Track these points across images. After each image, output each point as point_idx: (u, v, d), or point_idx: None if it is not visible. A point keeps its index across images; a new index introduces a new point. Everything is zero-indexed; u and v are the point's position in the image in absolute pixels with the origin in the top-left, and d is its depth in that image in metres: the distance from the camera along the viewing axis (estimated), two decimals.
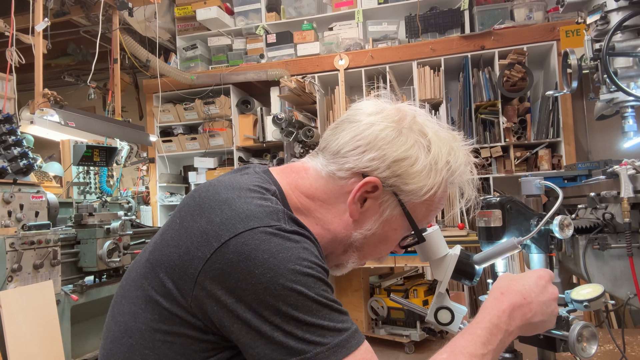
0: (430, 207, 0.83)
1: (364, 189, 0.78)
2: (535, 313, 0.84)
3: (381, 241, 0.84)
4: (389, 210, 0.80)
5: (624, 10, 1.54)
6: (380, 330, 3.11)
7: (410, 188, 0.78)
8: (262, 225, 0.68)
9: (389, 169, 0.77)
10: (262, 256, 0.65)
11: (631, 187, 1.26)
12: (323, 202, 0.82)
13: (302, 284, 0.65)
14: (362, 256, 0.85)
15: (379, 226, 0.81)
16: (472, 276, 1.22)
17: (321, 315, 0.66)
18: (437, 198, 0.82)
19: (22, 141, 2.48)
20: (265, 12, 4.36)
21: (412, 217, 0.81)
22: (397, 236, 0.84)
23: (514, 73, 3.56)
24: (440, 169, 0.80)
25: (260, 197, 0.74)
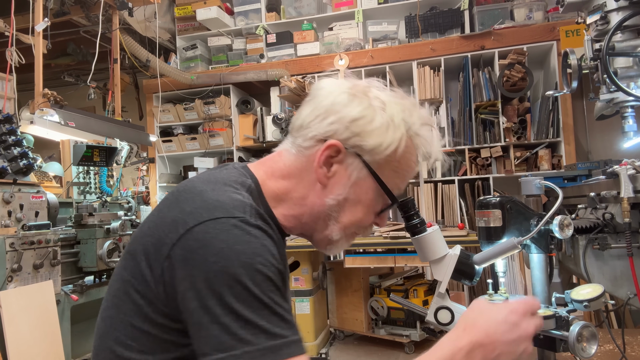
0: (397, 168, 0.84)
1: (327, 152, 0.81)
2: (499, 353, 0.79)
3: (355, 206, 0.84)
4: (355, 173, 0.82)
5: (624, 10, 1.54)
6: (380, 330, 3.11)
7: (370, 145, 0.80)
8: (227, 216, 0.71)
9: (347, 130, 0.80)
10: (218, 245, 0.68)
11: (631, 187, 1.26)
12: (297, 177, 0.85)
13: (250, 279, 0.67)
14: (343, 226, 0.85)
15: (350, 190, 0.83)
16: (472, 276, 1.22)
17: (260, 315, 0.66)
18: (400, 157, 0.83)
19: (22, 141, 2.48)
20: (265, 12, 4.36)
21: (380, 177, 0.83)
22: (370, 199, 0.84)
23: (514, 73, 3.56)
24: (397, 125, 0.82)
25: (233, 190, 0.77)
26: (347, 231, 0.86)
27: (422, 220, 1.23)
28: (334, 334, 3.36)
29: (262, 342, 0.65)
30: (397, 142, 0.81)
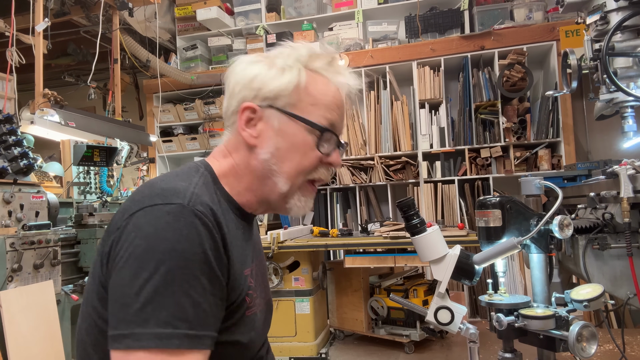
0: (314, 101, 0.87)
1: (244, 116, 0.87)
2: None
3: (290, 151, 0.86)
4: (276, 121, 0.86)
5: (624, 10, 1.54)
6: (380, 330, 3.11)
7: (274, 91, 0.85)
8: (163, 203, 0.73)
9: (252, 90, 0.86)
10: (147, 230, 0.71)
11: (631, 187, 1.26)
12: (234, 151, 0.90)
13: (166, 266, 0.68)
14: (287, 175, 0.86)
15: (279, 139, 0.86)
16: (472, 276, 1.22)
17: (164, 303, 0.68)
18: (310, 90, 0.87)
19: (23, 141, 2.48)
20: (265, 12, 4.36)
21: (297, 115, 0.85)
22: (301, 139, 0.86)
23: (514, 73, 3.56)
24: (291, 65, 0.87)
25: (181, 179, 0.81)
26: (296, 180, 0.87)
27: (422, 220, 1.23)
28: (334, 334, 3.36)
29: (154, 328, 0.66)
30: (296, 78, 0.86)
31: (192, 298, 0.69)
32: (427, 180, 3.82)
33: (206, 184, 0.84)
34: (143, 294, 0.67)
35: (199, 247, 0.72)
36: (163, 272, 0.68)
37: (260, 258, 1.01)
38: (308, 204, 0.90)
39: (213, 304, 0.73)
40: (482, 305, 1.27)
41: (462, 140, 3.77)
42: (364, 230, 3.28)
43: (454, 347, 3.03)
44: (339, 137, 0.90)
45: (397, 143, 3.91)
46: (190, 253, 0.70)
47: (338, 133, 0.90)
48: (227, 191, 0.89)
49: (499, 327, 1.19)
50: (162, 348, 0.66)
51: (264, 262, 1.05)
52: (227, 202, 0.87)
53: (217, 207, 0.80)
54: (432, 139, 3.83)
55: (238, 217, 0.89)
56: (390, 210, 3.93)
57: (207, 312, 0.71)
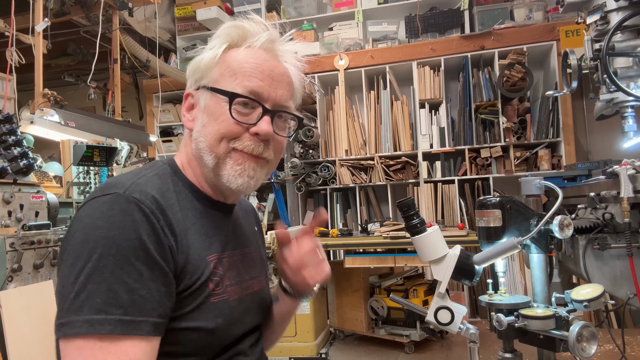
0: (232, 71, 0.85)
1: (186, 103, 0.90)
2: None
3: (210, 122, 0.85)
4: (203, 100, 0.87)
5: (624, 10, 1.54)
6: (380, 330, 3.11)
7: (201, 71, 0.87)
8: (102, 194, 0.75)
9: (191, 77, 0.90)
10: (85, 220, 0.73)
11: (631, 187, 1.26)
12: (189, 139, 0.91)
13: (98, 253, 0.70)
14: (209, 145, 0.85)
15: (204, 116, 0.86)
16: (472, 276, 1.22)
17: (97, 290, 0.69)
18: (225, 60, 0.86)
19: (22, 141, 2.48)
20: (265, 12, 4.36)
21: (215, 87, 0.85)
22: (218, 109, 0.84)
23: (514, 73, 3.56)
24: (214, 45, 0.88)
25: (131, 174, 0.82)
26: (217, 149, 0.84)
27: (422, 220, 1.23)
28: (334, 334, 3.36)
29: (87, 315, 0.67)
30: (215, 53, 0.86)
31: (126, 284, 0.70)
32: (427, 180, 3.82)
33: (160, 175, 0.85)
34: (77, 283, 0.69)
35: (133, 233, 0.72)
36: (95, 260, 0.69)
37: (248, 250, 1.00)
38: (247, 172, 0.85)
39: (154, 289, 0.72)
40: (482, 306, 1.27)
41: (462, 140, 3.77)
42: (364, 230, 3.28)
43: (454, 347, 3.03)
44: (264, 103, 0.85)
45: (397, 143, 3.91)
46: (123, 239, 0.71)
47: (263, 100, 0.85)
48: (190, 181, 0.89)
49: (499, 327, 1.19)
50: (95, 334, 0.67)
51: (256, 254, 1.03)
52: (192, 192, 0.88)
53: (167, 196, 0.81)
54: (432, 139, 3.83)
55: (207, 207, 0.89)
56: (390, 210, 3.92)
57: (145, 298, 0.71)
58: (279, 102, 0.86)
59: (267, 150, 0.87)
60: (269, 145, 0.87)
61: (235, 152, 0.85)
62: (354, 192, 4.05)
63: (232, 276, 0.89)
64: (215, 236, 0.88)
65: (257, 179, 0.87)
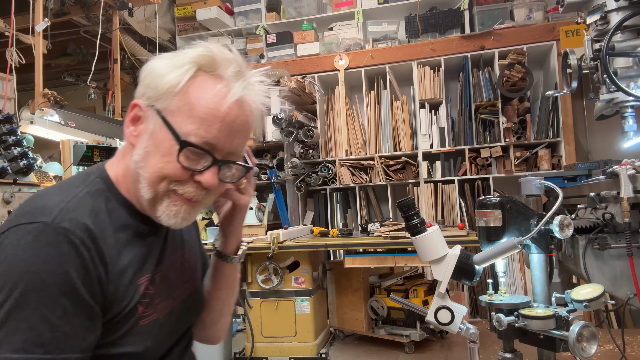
0: (190, 110, 0.77)
1: (132, 113, 0.83)
2: None
3: (154, 156, 0.79)
4: (152, 123, 0.80)
5: (624, 10, 1.54)
6: (380, 330, 3.11)
7: (158, 90, 0.79)
8: (28, 222, 0.71)
9: (144, 86, 0.81)
10: (7, 251, 0.70)
11: (631, 187, 1.26)
12: (129, 151, 0.85)
13: (21, 289, 0.67)
14: (149, 181, 0.79)
15: (150, 142, 0.79)
16: (472, 276, 1.22)
17: (16, 327, 0.66)
18: (190, 94, 0.78)
19: (22, 141, 2.48)
20: (265, 12, 4.36)
21: (170, 123, 0.78)
22: (166, 147, 0.78)
23: (514, 73, 3.56)
24: (182, 64, 0.79)
25: (61, 192, 0.78)
26: (157, 187, 0.79)
27: (422, 220, 1.23)
28: (334, 334, 3.36)
29: (6, 353, 0.65)
30: (178, 79, 0.78)
31: (49, 321, 0.67)
32: (427, 180, 3.82)
33: (92, 193, 0.81)
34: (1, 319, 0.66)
35: (59, 268, 0.69)
36: (17, 296, 0.66)
37: (182, 252, 0.98)
38: (182, 215, 0.82)
39: (78, 325, 0.70)
40: (482, 305, 1.27)
41: (462, 140, 3.77)
42: (364, 230, 3.28)
43: (454, 347, 3.03)
44: (215, 154, 0.79)
45: (397, 143, 3.91)
46: (49, 274, 0.68)
47: (216, 151, 0.79)
48: (124, 196, 0.85)
49: (499, 327, 1.19)
50: None
51: (190, 252, 1.01)
52: (125, 208, 0.84)
53: (100, 218, 0.77)
54: (432, 139, 3.83)
55: (139, 222, 0.85)
56: (390, 210, 3.92)
57: (68, 335, 0.69)
58: (231, 151, 0.81)
59: (208, 197, 0.84)
60: (211, 192, 0.84)
61: (175, 194, 0.81)
62: (354, 192, 4.05)
63: (163, 291, 0.88)
64: (149, 254, 0.86)
65: (190, 219, 0.85)
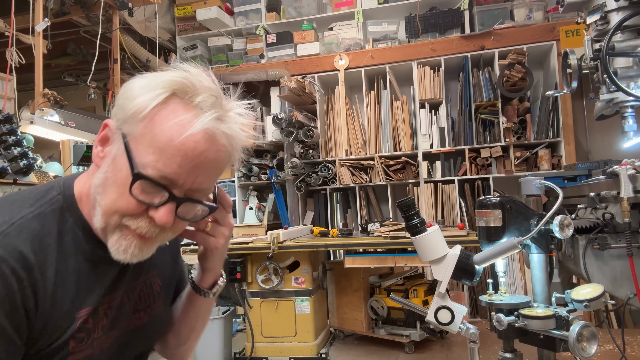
0: (151, 140, 0.70)
1: (102, 133, 0.77)
2: None
3: (112, 185, 0.73)
4: (116, 148, 0.73)
5: (624, 10, 1.54)
6: (380, 330, 3.11)
7: (126, 113, 0.72)
8: None
9: (117, 106, 0.75)
10: None
11: (631, 187, 1.26)
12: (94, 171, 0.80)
13: None
14: (103, 210, 0.73)
15: (110, 168, 0.73)
16: (472, 276, 1.22)
17: None
18: (154, 122, 0.70)
19: (22, 141, 2.48)
20: (265, 12, 4.36)
21: (131, 150, 0.71)
22: (124, 177, 0.71)
23: (514, 73, 3.56)
24: (155, 87, 0.72)
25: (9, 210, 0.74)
26: (109, 219, 0.73)
27: (422, 220, 1.23)
28: (334, 334, 3.36)
29: None
30: (145, 104, 0.71)
31: None
32: (427, 180, 3.82)
33: (45, 214, 0.76)
34: None
35: None
36: None
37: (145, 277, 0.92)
38: (132, 251, 0.75)
39: None
40: (483, 305, 1.27)
41: (462, 140, 3.77)
42: (364, 230, 3.28)
43: (454, 347, 3.03)
44: (173, 190, 0.72)
45: (397, 143, 3.91)
46: None
47: (174, 186, 0.72)
48: (84, 218, 0.78)
49: (500, 327, 1.19)
50: None
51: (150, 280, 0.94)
52: (82, 231, 0.78)
53: (45, 243, 0.73)
54: (432, 139, 3.83)
55: (94, 247, 0.78)
56: (390, 210, 3.93)
57: None
58: (194, 188, 0.74)
59: (164, 234, 0.77)
60: (167, 230, 0.76)
61: (126, 228, 0.74)
62: (354, 192, 4.05)
63: (107, 324, 0.81)
64: (97, 283, 0.79)
65: (142, 256, 0.77)
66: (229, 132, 0.74)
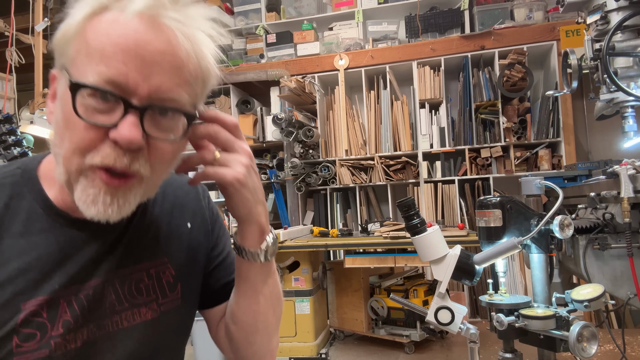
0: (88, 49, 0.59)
1: (51, 87, 0.68)
2: None
3: (63, 123, 0.62)
4: (62, 85, 0.63)
5: (624, 10, 1.54)
6: (380, 330, 3.11)
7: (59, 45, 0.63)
8: None
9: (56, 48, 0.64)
10: None
11: (631, 187, 1.26)
12: None
13: None
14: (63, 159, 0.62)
15: (58, 111, 0.63)
16: (473, 276, 1.22)
17: None
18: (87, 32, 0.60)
19: (22, 141, 2.48)
20: (265, 12, 4.36)
21: (69, 71, 0.61)
22: (69, 109, 0.60)
23: (514, 73, 3.56)
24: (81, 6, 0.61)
25: None
26: (69, 164, 0.61)
27: (422, 220, 1.23)
28: (334, 334, 3.36)
29: None
30: (75, 19, 0.61)
31: None
32: (427, 180, 3.81)
33: (1, 184, 0.68)
34: None
35: None
36: None
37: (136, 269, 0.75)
38: (102, 199, 0.62)
39: None
40: (483, 306, 1.27)
41: (462, 140, 3.77)
42: (364, 230, 3.28)
43: (454, 348, 3.03)
44: (130, 98, 0.59)
45: (397, 143, 3.91)
46: None
47: (128, 93, 0.59)
48: (45, 194, 0.69)
49: (500, 327, 1.19)
50: None
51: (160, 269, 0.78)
52: (44, 208, 0.68)
53: None
54: (432, 139, 3.83)
55: (63, 226, 0.68)
56: (390, 210, 3.92)
57: None
58: (157, 95, 0.60)
59: (137, 163, 0.62)
60: (140, 156, 0.62)
61: (91, 171, 0.61)
62: (354, 192, 4.05)
63: (74, 318, 0.67)
64: (58, 268, 0.67)
65: (119, 206, 0.63)
66: (181, 19, 0.62)
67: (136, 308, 0.74)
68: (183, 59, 0.62)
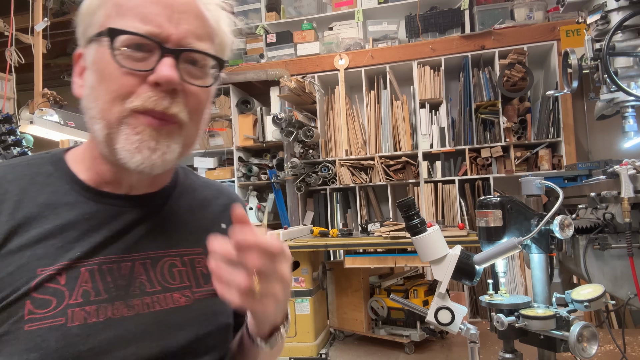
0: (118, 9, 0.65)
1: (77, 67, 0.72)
2: None
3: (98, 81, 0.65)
4: (89, 54, 0.68)
5: (624, 10, 1.54)
6: (380, 330, 3.11)
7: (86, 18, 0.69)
8: None
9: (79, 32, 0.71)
10: None
11: (631, 187, 1.26)
12: None
13: None
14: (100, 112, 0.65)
15: (92, 75, 0.67)
16: (473, 276, 1.22)
17: None
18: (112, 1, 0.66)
19: (22, 141, 2.48)
20: (265, 11, 4.36)
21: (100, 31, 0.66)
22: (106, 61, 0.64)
23: (514, 73, 3.56)
24: None
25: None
26: (109, 114, 0.64)
27: (423, 220, 1.23)
28: (334, 334, 3.35)
29: None
30: None
31: None
32: (427, 180, 3.81)
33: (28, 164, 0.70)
34: None
35: None
36: None
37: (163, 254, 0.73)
38: (147, 144, 0.63)
39: None
40: (483, 306, 1.27)
41: (463, 140, 3.76)
42: (364, 230, 3.27)
43: (455, 348, 3.03)
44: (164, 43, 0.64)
45: (397, 143, 3.91)
46: None
47: (161, 39, 0.63)
48: (74, 173, 0.71)
49: (500, 327, 1.19)
50: None
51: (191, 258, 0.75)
52: (72, 184, 0.70)
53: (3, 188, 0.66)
54: (433, 139, 3.83)
55: (89, 200, 0.69)
56: (390, 210, 3.92)
57: None
58: (185, 41, 0.65)
59: (176, 105, 0.65)
60: (178, 98, 0.65)
61: (133, 117, 0.63)
62: (354, 192, 4.05)
63: (95, 290, 0.64)
64: (81, 239, 0.66)
65: (163, 152, 0.65)
66: None
67: (169, 292, 0.71)
68: (201, 10, 0.68)
